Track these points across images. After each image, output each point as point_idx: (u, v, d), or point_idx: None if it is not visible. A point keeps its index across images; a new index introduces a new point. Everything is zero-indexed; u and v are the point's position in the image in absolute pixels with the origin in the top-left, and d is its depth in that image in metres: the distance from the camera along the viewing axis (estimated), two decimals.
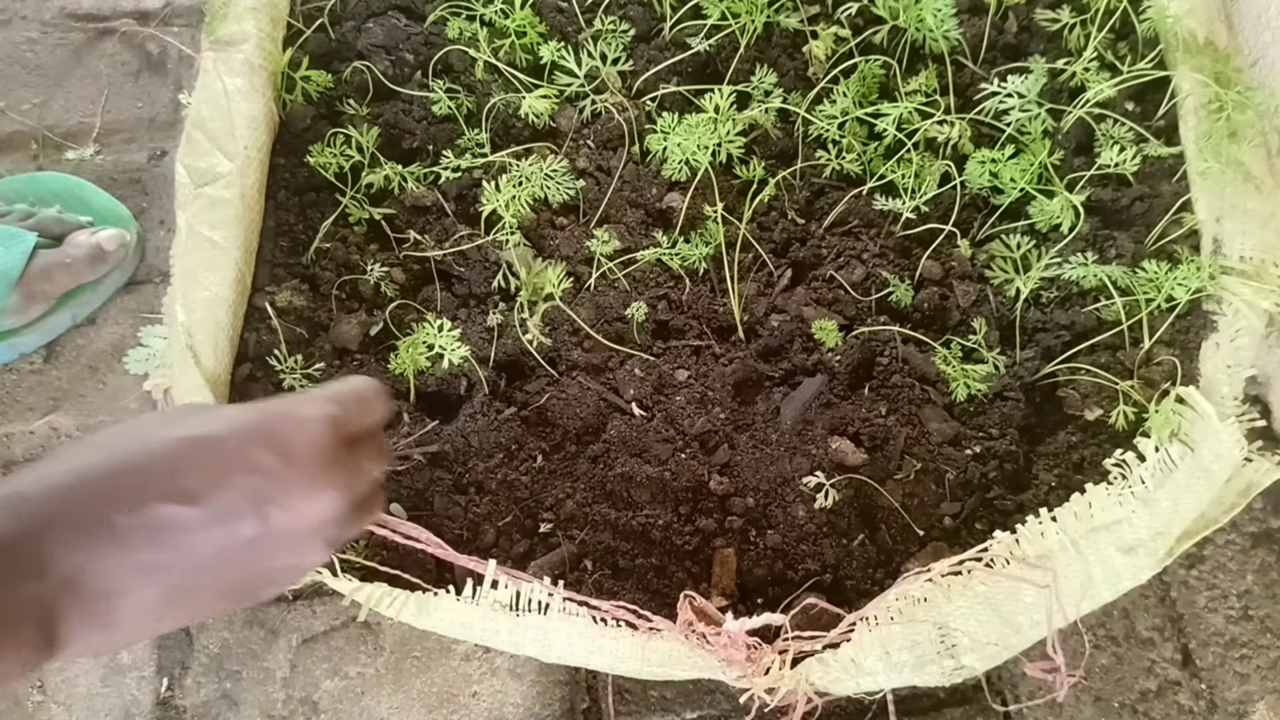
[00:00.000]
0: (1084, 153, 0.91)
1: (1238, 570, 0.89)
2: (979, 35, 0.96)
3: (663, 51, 0.96)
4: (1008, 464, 0.82)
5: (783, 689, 0.69)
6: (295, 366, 0.83)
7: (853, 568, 0.78)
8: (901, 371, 0.85)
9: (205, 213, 0.85)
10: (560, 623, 0.71)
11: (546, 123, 0.94)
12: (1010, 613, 0.71)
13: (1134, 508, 0.74)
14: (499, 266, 0.88)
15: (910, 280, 0.88)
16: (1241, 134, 0.85)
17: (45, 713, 0.85)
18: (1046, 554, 0.73)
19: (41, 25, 1.18)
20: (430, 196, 0.91)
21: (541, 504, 0.81)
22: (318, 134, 0.93)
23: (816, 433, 0.82)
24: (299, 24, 0.99)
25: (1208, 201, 0.86)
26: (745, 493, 0.81)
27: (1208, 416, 0.76)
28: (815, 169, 0.92)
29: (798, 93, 0.93)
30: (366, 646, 0.86)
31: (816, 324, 0.84)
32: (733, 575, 0.77)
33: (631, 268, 0.88)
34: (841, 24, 0.94)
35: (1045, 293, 0.87)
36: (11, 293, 0.90)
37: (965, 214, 0.90)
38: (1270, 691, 0.84)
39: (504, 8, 0.93)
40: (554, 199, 0.90)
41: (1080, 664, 0.84)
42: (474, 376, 0.84)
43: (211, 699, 0.85)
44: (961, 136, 0.88)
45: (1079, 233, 0.85)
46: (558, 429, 0.84)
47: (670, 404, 0.84)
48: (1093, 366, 0.82)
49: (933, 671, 0.70)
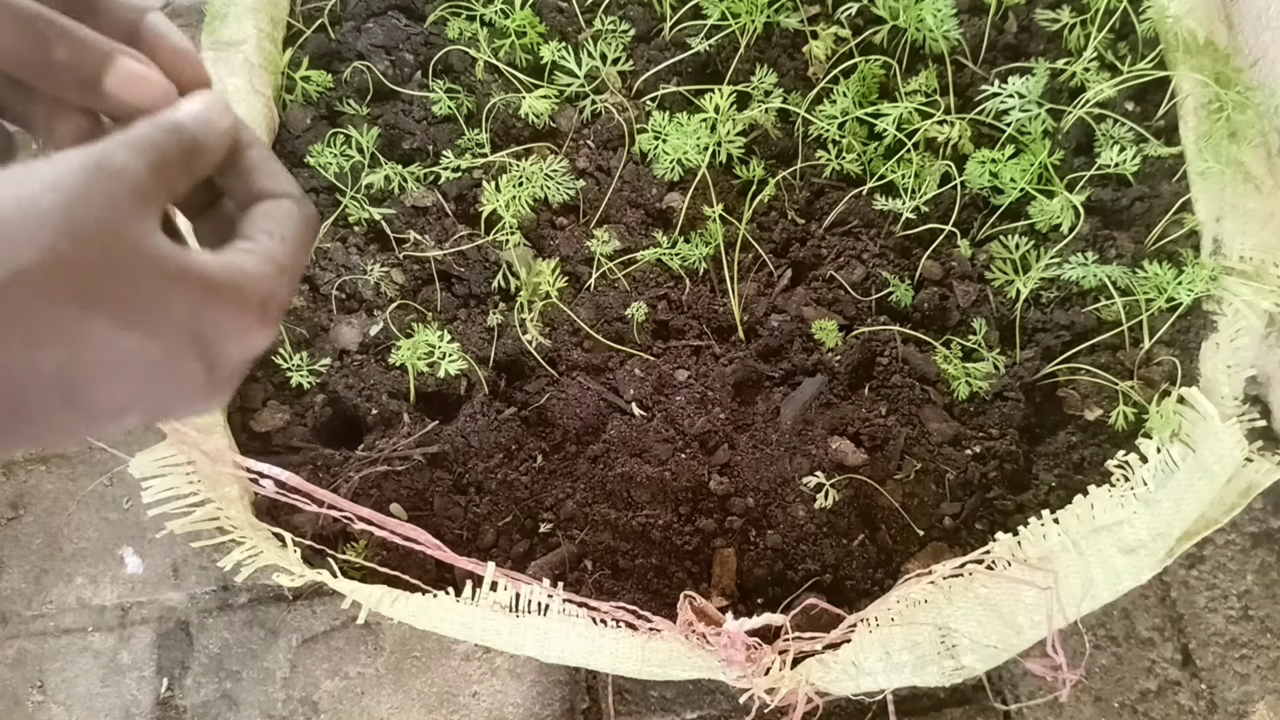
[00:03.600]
0: (1084, 153, 0.91)
1: (1238, 570, 0.89)
2: (979, 35, 0.96)
3: (663, 51, 0.96)
4: (1008, 464, 0.82)
5: (783, 689, 0.69)
6: (302, 363, 0.83)
7: (853, 568, 0.78)
8: (901, 371, 0.85)
9: None
10: (560, 623, 0.71)
11: (546, 123, 0.94)
12: (1010, 613, 0.71)
13: (1135, 509, 0.74)
14: (499, 267, 0.88)
15: (910, 280, 0.88)
16: (1241, 134, 0.85)
17: (45, 713, 0.85)
18: (1048, 555, 0.73)
19: None
20: (430, 197, 0.91)
21: (541, 504, 0.81)
22: (317, 134, 0.93)
23: (816, 433, 0.82)
24: (299, 24, 0.99)
25: (1208, 201, 0.86)
26: (745, 493, 0.81)
27: (1209, 417, 0.76)
28: (815, 169, 0.92)
29: (798, 93, 0.92)
30: (366, 646, 0.86)
31: (816, 324, 0.84)
32: (733, 575, 0.77)
33: (631, 268, 0.88)
34: (841, 24, 0.94)
35: (1045, 293, 0.87)
36: None
37: (965, 214, 0.90)
38: (1270, 691, 0.84)
39: (504, 8, 0.93)
40: (554, 199, 0.90)
41: (1080, 664, 0.84)
42: (474, 376, 0.84)
43: (211, 699, 0.85)
44: (961, 136, 0.88)
45: (1079, 233, 0.85)
46: (558, 429, 0.84)
47: (670, 404, 0.84)
48: (1093, 366, 0.82)
49: (933, 672, 0.70)
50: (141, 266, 0.32)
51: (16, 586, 0.95)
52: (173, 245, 0.33)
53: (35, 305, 0.30)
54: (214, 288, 0.34)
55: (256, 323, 0.36)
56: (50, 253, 0.30)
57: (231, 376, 0.36)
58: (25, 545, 0.96)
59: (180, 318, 0.33)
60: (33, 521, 0.97)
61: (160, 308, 0.33)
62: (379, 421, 0.84)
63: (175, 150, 0.36)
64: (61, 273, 0.31)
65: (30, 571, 0.95)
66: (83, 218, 0.31)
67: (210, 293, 0.34)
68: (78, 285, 0.31)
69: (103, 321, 0.31)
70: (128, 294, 0.32)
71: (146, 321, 0.32)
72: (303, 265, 0.39)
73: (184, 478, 0.76)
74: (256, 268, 0.36)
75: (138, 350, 0.32)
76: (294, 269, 0.38)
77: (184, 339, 0.33)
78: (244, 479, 0.77)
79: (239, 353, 0.36)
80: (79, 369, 0.31)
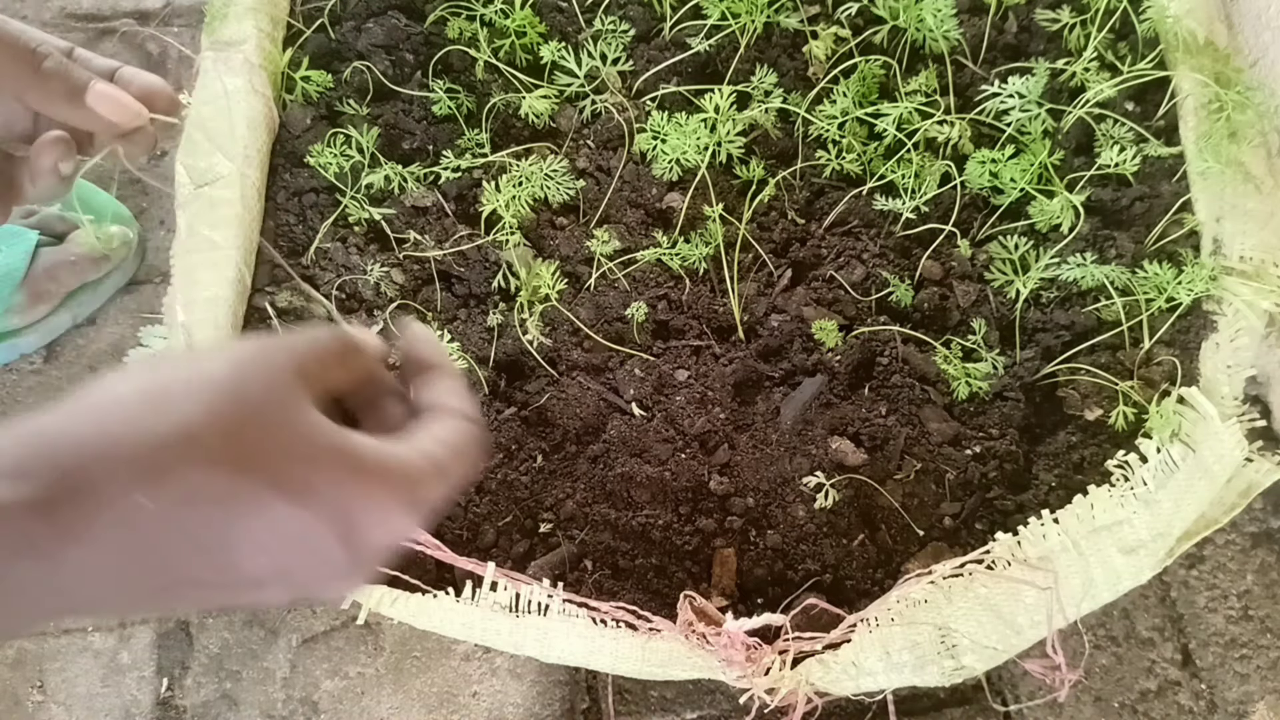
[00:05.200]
0: (1084, 153, 0.91)
1: (1238, 570, 0.89)
2: (979, 35, 0.96)
3: (663, 51, 0.96)
4: (1008, 464, 0.82)
5: (783, 689, 0.69)
6: None
7: (853, 568, 0.78)
8: (901, 371, 0.85)
9: (205, 213, 0.85)
10: (560, 623, 0.71)
11: (546, 123, 0.94)
12: (1010, 614, 0.71)
13: (1135, 509, 0.74)
14: (499, 267, 0.88)
15: (910, 280, 0.88)
16: (1241, 134, 0.85)
17: (45, 713, 0.85)
18: (1048, 555, 0.73)
19: (41, 25, 1.18)
20: (430, 197, 0.91)
21: (541, 504, 0.81)
22: (318, 134, 0.93)
23: (816, 433, 0.82)
24: (299, 24, 0.99)
25: (1208, 201, 0.86)
26: (745, 493, 0.81)
27: (1209, 417, 0.76)
28: (815, 169, 0.92)
29: (798, 93, 0.92)
30: (366, 646, 0.86)
31: (816, 324, 0.84)
32: (733, 575, 0.77)
33: (631, 268, 0.88)
34: (841, 24, 0.94)
35: (1045, 293, 0.87)
36: (17, 292, 0.90)
37: (965, 214, 0.90)
38: (1270, 691, 0.84)
39: (504, 8, 0.93)
40: (554, 199, 0.90)
41: (1080, 664, 0.84)
42: (474, 376, 0.85)
43: (211, 699, 0.85)
44: (961, 136, 0.88)
45: (1079, 233, 0.85)
46: (558, 429, 0.84)
47: (670, 404, 0.84)
48: (1093, 367, 0.82)
49: (933, 672, 0.70)
50: (295, 436, 0.34)
51: None
52: (328, 422, 0.35)
53: (195, 462, 0.31)
54: (363, 466, 0.35)
55: (399, 509, 0.36)
56: (213, 414, 0.32)
57: (369, 562, 0.37)
58: None
59: (327, 490, 0.34)
60: None
61: (309, 477, 0.34)
62: None
63: (333, 347, 0.39)
64: (222, 433, 0.32)
65: None
66: (246, 387, 0.34)
67: (359, 470, 0.35)
68: (235, 447, 0.32)
69: (254, 485, 0.32)
70: (279, 460, 0.33)
71: (294, 490, 0.33)
72: (462, 478, 0.40)
73: None
74: (410, 458, 0.37)
75: (283, 519, 0.33)
76: (449, 474, 0.39)
77: (329, 513, 0.34)
78: None
79: (379, 537, 0.36)
80: (227, 529, 0.32)
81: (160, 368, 0.34)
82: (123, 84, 0.52)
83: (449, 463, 0.38)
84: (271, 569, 0.33)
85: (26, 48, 0.48)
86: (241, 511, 0.32)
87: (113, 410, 0.32)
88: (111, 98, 0.50)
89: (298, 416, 0.34)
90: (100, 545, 0.30)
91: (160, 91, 0.53)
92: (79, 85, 0.49)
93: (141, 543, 0.31)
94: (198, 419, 0.32)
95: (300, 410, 0.35)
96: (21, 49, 0.48)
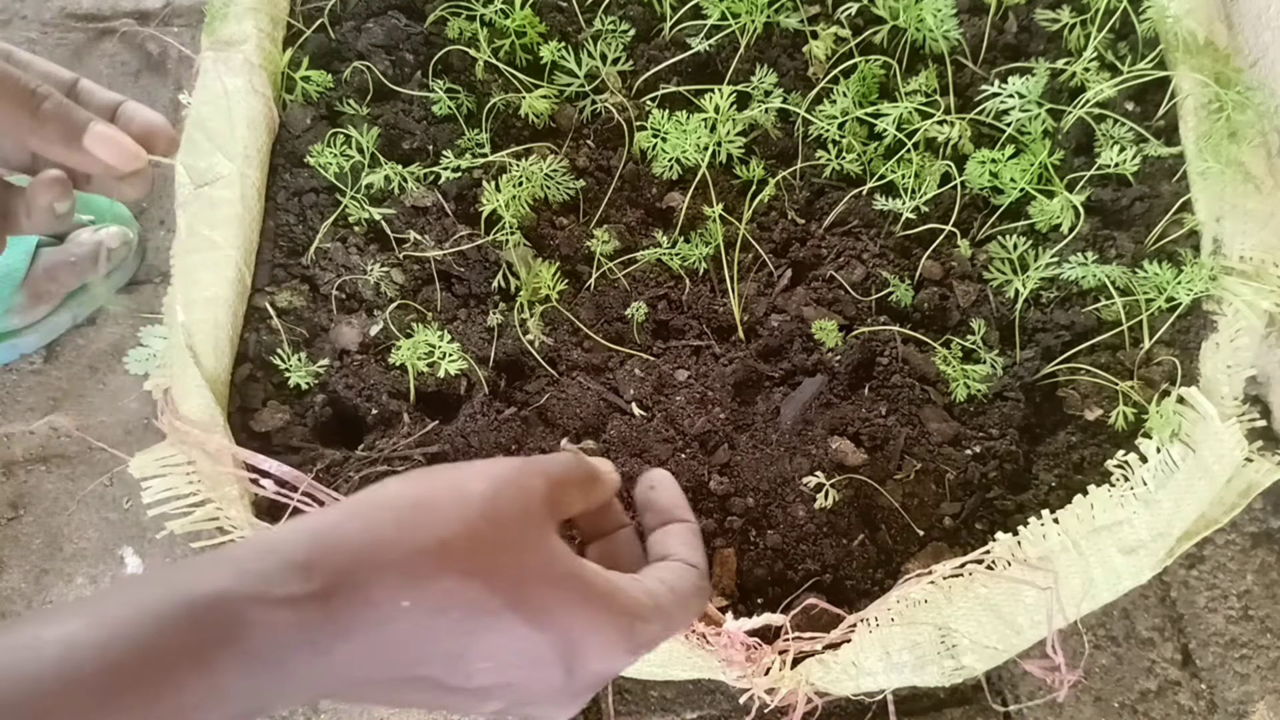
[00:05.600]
0: (1084, 153, 0.91)
1: (1238, 570, 0.89)
2: (979, 35, 0.96)
3: (663, 51, 0.96)
4: (1008, 464, 0.82)
5: (783, 689, 0.69)
6: (302, 364, 0.83)
7: (853, 568, 0.78)
8: (901, 371, 0.85)
9: (205, 213, 0.85)
10: None
11: (546, 123, 0.94)
12: (1010, 614, 0.71)
13: (1135, 509, 0.74)
14: (499, 267, 0.88)
15: (910, 280, 0.88)
16: (1241, 134, 0.85)
17: None
18: (1048, 555, 0.73)
19: (41, 25, 1.18)
20: (430, 197, 0.91)
21: None
22: (318, 134, 0.93)
23: (816, 433, 0.82)
24: (299, 24, 0.99)
25: (1208, 201, 0.86)
26: (745, 493, 0.81)
27: (1209, 417, 0.76)
28: (815, 169, 0.92)
29: (798, 93, 0.93)
30: None
31: (816, 324, 0.84)
32: (733, 575, 0.77)
33: (631, 268, 0.88)
34: (841, 24, 0.94)
35: (1045, 293, 0.87)
36: (17, 292, 0.90)
37: (965, 214, 0.90)
38: (1270, 691, 0.84)
39: (504, 8, 0.93)
40: (554, 199, 0.90)
41: (1080, 664, 0.84)
42: (474, 376, 0.85)
43: None
44: (961, 136, 0.88)
45: (1079, 233, 0.85)
46: (558, 429, 0.84)
47: (670, 404, 0.84)
48: (1093, 366, 0.82)
49: (933, 672, 0.70)
50: (538, 560, 0.37)
51: (16, 586, 0.95)
52: (567, 549, 0.38)
53: (450, 572, 0.34)
54: (591, 594, 0.38)
55: (619, 640, 0.38)
56: (470, 529, 0.35)
57: (586, 689, 0.39)
58: (25, 545, 0.96)
59: (557, 612, 0.36)
60: (33, 521, 0.97)
61: (544, 600, 0.36)
62: (379, 421, 0.84)
63: (576, 476, 0.42)
64: (475, 550, 0.35)
65: (30, 571, 0.95)
66: (502, 507, 0.37)
67: (586, 597, 0.38)
68: (486, 563, 0.35)
69: (497, 600, 0.35)
70: (522, 581, 0.36)
71: (531, 609, 0.36)
72: (681, 625, 0.42)
73: (184, 478, 0.76)
74: (635, 592, 0.40)
75: (518, 635, 0.35)
76: (671, 619, 0.41)
77: (555, 635, 0.36)
78: (244, 479, 0.77)
79: (597, 664, 0.38)
80: (467, 637, 0.35)
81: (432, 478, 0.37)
82: (124, 121, 0.51)
83: (672, 607, 0.41)
84: (498, 680, 0.36)
85: (26, 89, 0.47)
86: (483, 623, 0.35)
87: (385, 516, 0.35)
88: (110, 140, 0.49)
89: (541, 542, 0.37)
90: (363, 640, 0.33)
91: (160, 131, 0.53)
92: (77, 127, 0.49)
93: (395, 640, 0.33)
94: (458, 533, 0.35)
95: (544, 535, 0.38)
96: (21, 91, 0.47)
